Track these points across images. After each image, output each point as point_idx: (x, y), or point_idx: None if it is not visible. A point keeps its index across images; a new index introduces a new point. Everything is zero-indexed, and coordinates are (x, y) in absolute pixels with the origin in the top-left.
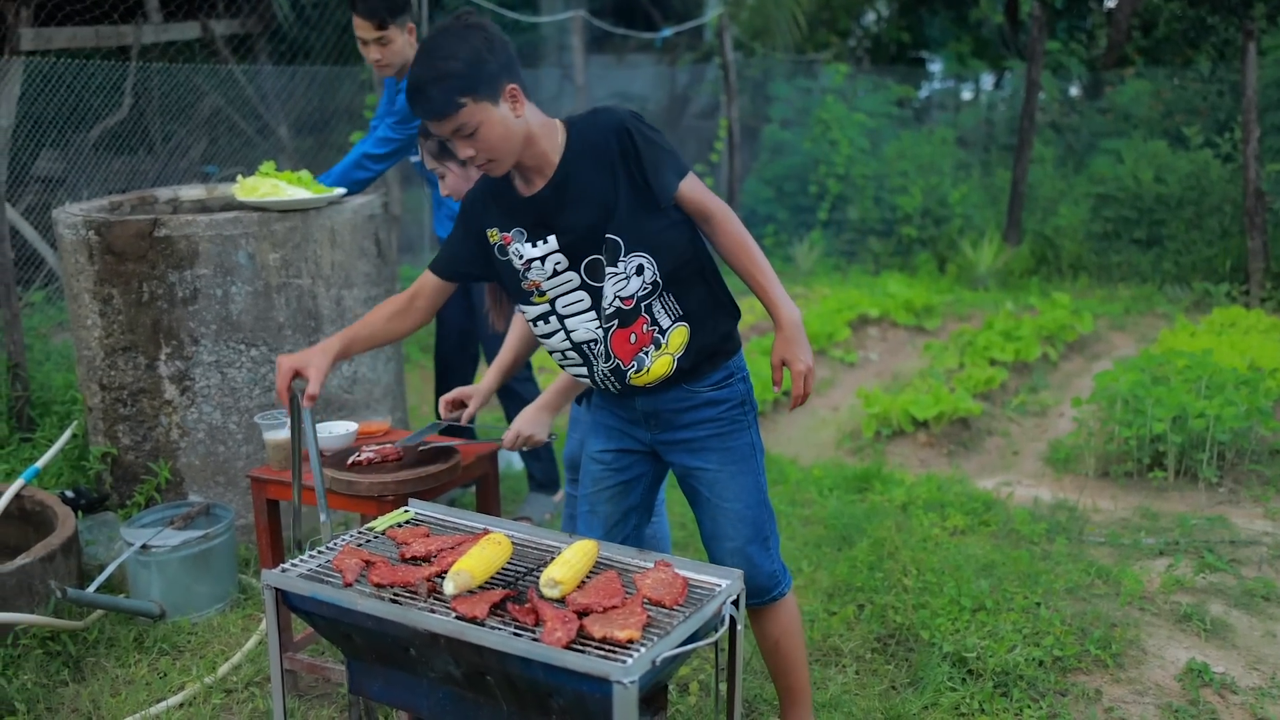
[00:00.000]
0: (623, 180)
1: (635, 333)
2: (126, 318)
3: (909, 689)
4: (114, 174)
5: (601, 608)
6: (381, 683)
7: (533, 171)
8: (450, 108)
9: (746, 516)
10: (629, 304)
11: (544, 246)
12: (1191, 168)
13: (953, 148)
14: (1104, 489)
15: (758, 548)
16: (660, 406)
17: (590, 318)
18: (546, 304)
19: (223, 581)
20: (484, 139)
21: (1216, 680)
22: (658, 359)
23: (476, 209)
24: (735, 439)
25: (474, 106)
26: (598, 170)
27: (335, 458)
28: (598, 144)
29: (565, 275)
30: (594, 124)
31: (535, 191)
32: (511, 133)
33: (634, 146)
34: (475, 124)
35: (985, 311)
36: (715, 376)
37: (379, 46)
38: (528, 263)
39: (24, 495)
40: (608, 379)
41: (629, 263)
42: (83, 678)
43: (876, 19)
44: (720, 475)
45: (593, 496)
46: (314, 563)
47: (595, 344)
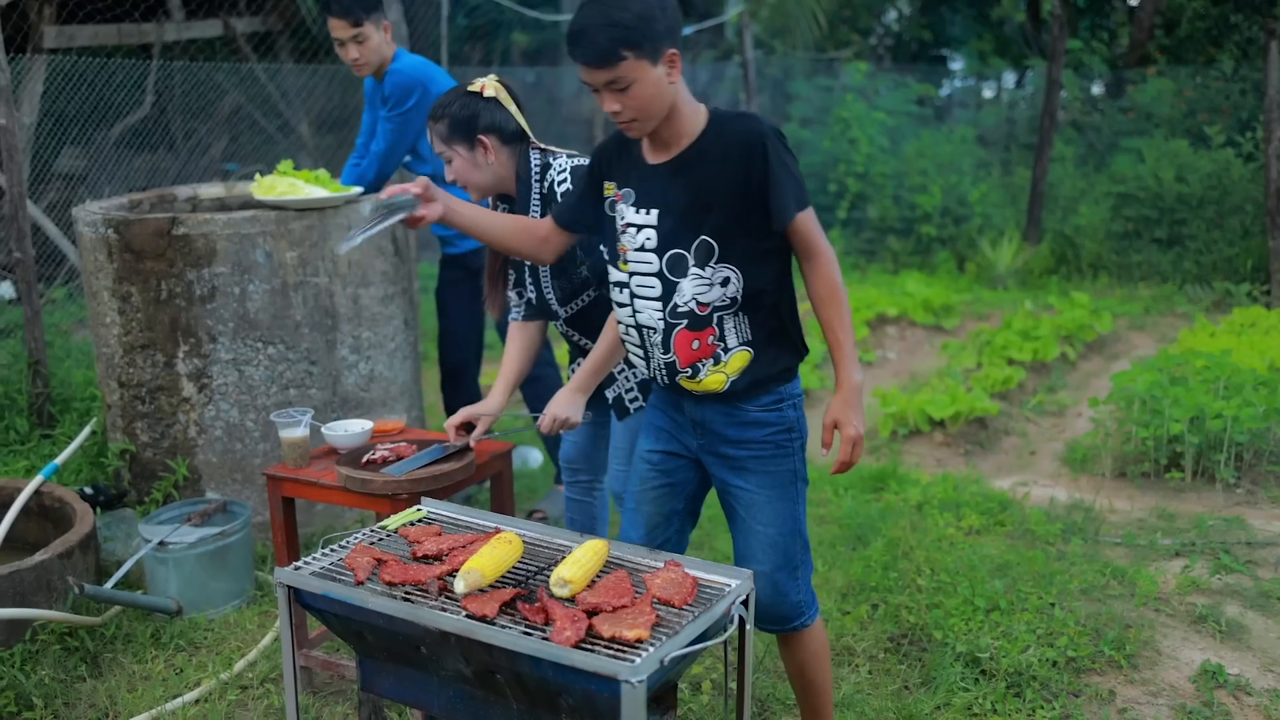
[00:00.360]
0: (739, 189)
1: (700, 340)
2: (145, 315)
3: (921, 689)
4: (135, 171)
5: (611, 607)
6: (393, 680)
7: (662, 143)
8: (612, 58)
9: (778, 544)
10: (703, 310)
11: (644, 216)
12: (1213, 167)
13: (973, 146)
14: (1121, 489)
15: (785, 575)
16: (706, 418)
17: (656, 307)
18: (626, 274)
19: (239, 578)
20: (635, 97)
21: (1231, 682)
22: (713, 374)
23: (606, 159)
24: (777, 464)
25: (634, 62)
26: (721, 169)
27: (350, 456)
28: (731, 145)
29: (648, 255)
30: (736, 124)
31: (657, 162)
32: (662, 96)
33: (765, 162)
34: (631, 80)
35: (1004, 311)
36: (765, 399)
37: (356, 45)
38: (625, 225)
39: (43, 492)
40: (660, 370)
41: (717, 271)
42: (100, 673)
43: (898, 17)
44: (758, 498)
45: (638, 495)
46: (327, 560)
47: (653, 333)
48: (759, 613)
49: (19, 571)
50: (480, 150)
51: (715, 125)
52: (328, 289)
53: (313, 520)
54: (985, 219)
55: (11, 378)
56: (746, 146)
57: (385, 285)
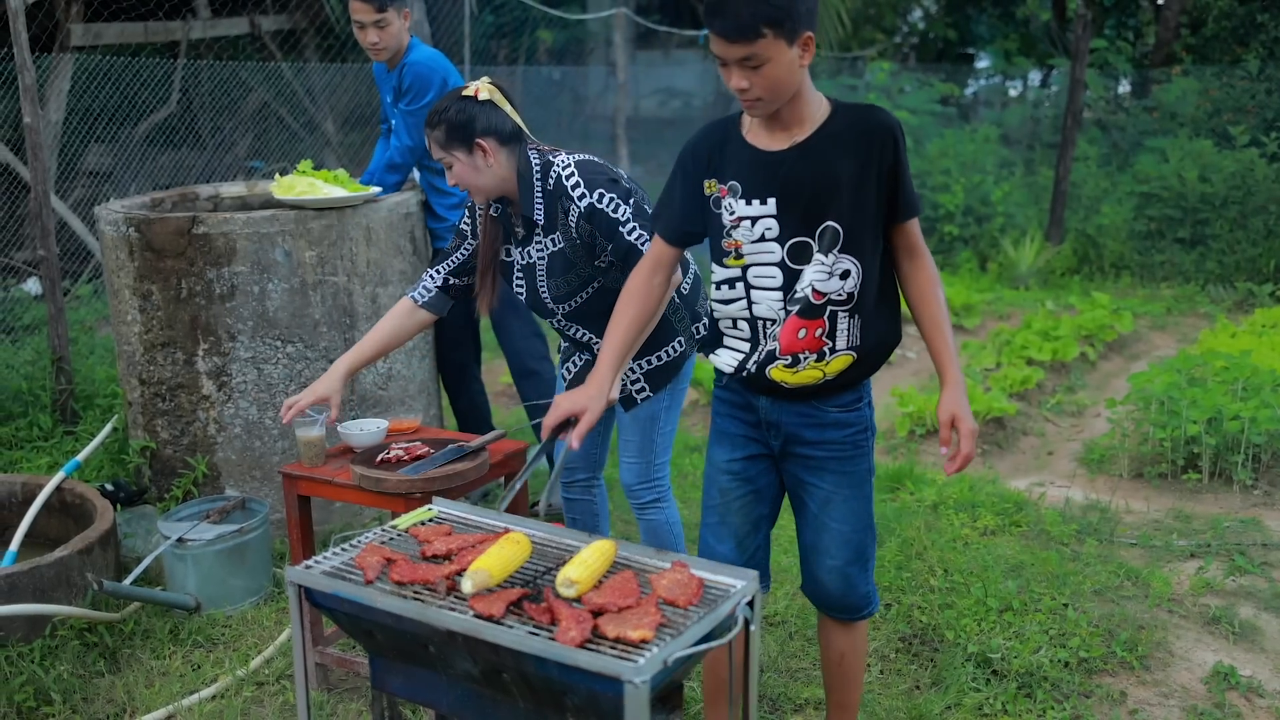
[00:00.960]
0: (872, 177)
1: (807, 329)
2: (165, 314)
3: (932, 689)
4: (161, 168)
5: (616, 607)
6: (403, 679)
7: (781, 126)
8: (752, 32)
9: (851, 539)
10: (818, 300)
11: (759, 207)
12: (1237, 167)
13: (996, 145)
14: (1137, 490)
15: (858, 569)
16: (783, 419)
17: (776, 297)
18: (739, 269)
19: (257, 575)
20: (767, 75)
21: (1243, 683)
22: (811, 369)
23: (698, 159)
24: (855, 464)
25: (772, 40)
26: (853, 153)
27: (365, 455)
28: (865, 131)
29: (769, 245)
30: (867, 112)
31: (777, 148)
32: (792, 78)
33: (897, 153)
34: (766, 58)
35: (1025, 310)
36: (846, 399)
37: (377, 30)
38: (737, 220)
39: (64, 488)
40: (755, 360)
41: (840, 261)
42: (118, 669)
43: (923, 15)
44: (834, 496)
45: (720, 508)
46: (338, 559)
47: (772, 324)
48: (828, 603)
49: (39, 568)
50: (479, 154)
51: (843, 111)
52: (346, 288)
53: (331, 518)
54: (1008, 218)
55: (36, 374)
56: (881, 133)
57: (403, 284)
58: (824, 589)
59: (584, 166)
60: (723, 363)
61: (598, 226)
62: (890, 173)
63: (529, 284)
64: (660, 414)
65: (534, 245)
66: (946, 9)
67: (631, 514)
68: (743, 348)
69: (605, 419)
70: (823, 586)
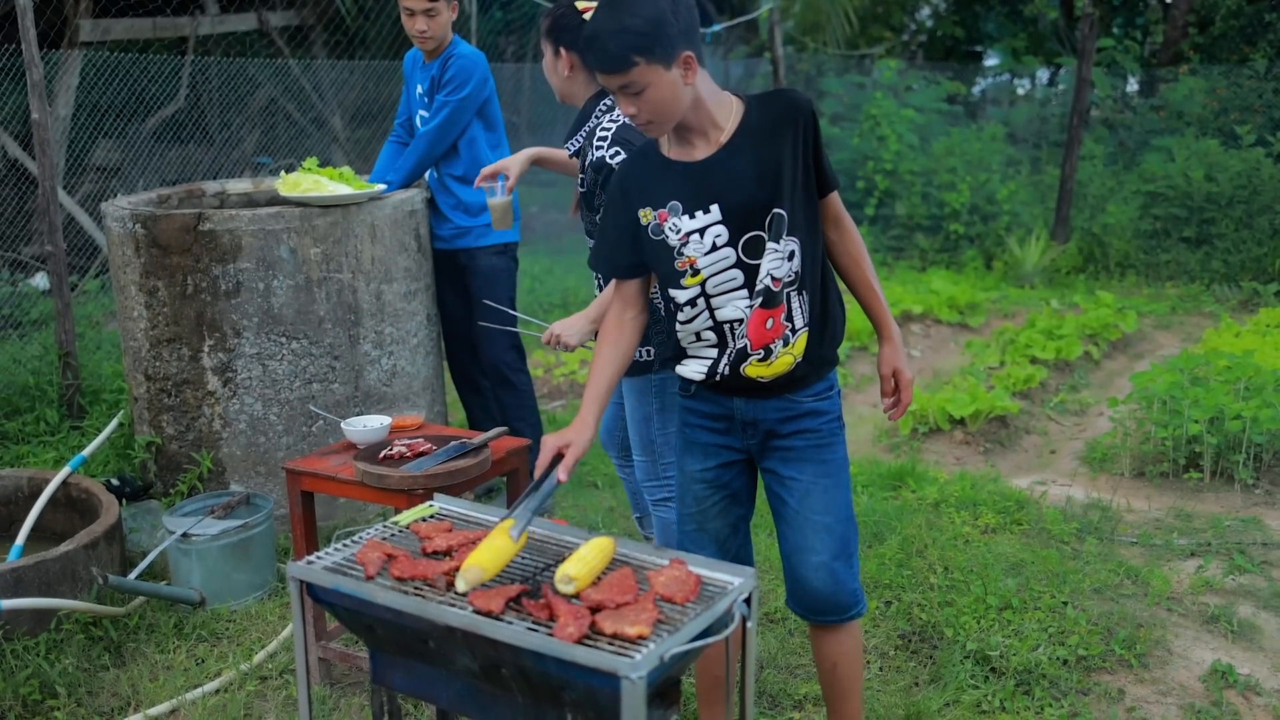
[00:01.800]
0: (800, 157)
1: (773, 318)
2: (171, 310)
3: (931, 686)
4: (169, 164)
5: (614, 604)
6: (403, 673)
7: (696, 135)
8: (623, 64)
9: (835, 531)
10: (776, 286)
11: (704, 218)
12: (1243, 166)
13: (1002, 144)
14: (1139, 489)
15: (843, 564)
16: (760, 415)
17: (741, 295)
18: (697, 286)
19: (261, 570)
20: (649, 100)
21: (1241, 682)
22: (783, 355)
23: (626, 193)
24: (831, 452)
25: (646, 67)
26: (777, 140)
27: (368, 451)
28: (782, 116)
29: (723, 252)
30: (779, 98)
31: (702, 157)
32: (678, 99)
33: (814, 129)
34: (644, 84)
35: (1030, 309)
36: (819, 387)
37: (426, 18)
38: (685, 236)
39: (70, 483)
40: (726, 361)
41: (787, 244)
42: (123, 663)
43: (932, 13)
44: (814, 488)
45: (698, 516)
46: (339, 555)
47: (739, 324)
48: (816, 606)
49: (45, 562)
50: (560, 61)
51: (757, 104)
52: (351, 285)
53: (335, 513)
54: (1013, 217)
55: (43, 369)
56: (795, 113)
57: (408, 281)
58: (811, 590)
59: (624, 130)
60: (691, 372)
61: (603, 180)
62: (814, 147)
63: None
64: (653, 415)
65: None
66: (955, 7)
67: (630, 512)
68: (710, 354)
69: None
70: (810, 587)
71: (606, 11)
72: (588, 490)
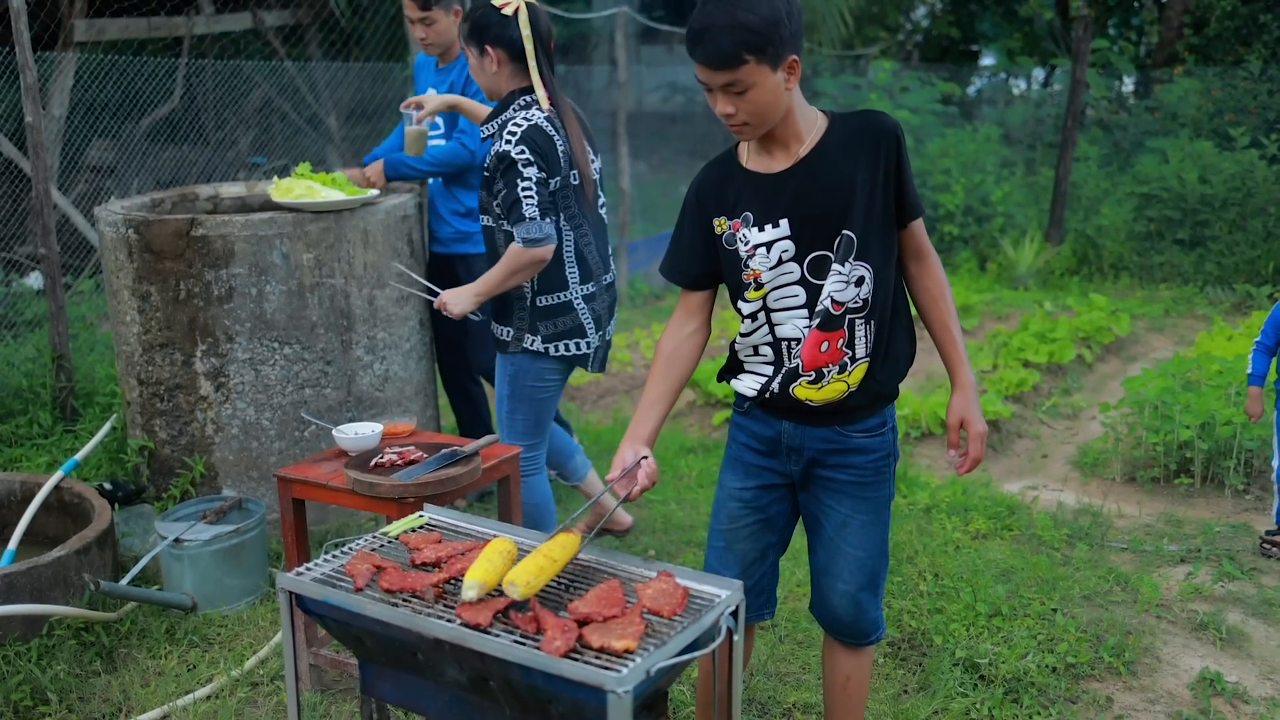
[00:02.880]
0: (879, 181)
1: (829, 342)
2: (164, 315)
3: (920, 694)
4: (163, 164)
5: (602, 617)
6: (392, 684)
7: (778, 146)
8: (734, 61)
9: (866, 565)
10: (837, 310)
11: (773, 231)
12: (1237, 168)
13: (997, 145)
14: (1130, 494)
15: (869, 594)
16: (807, 443)
17: (801, 314)
18: (759, 300)
19: (253, 575)
20: (752, 101)
21: (1229, 689)
22: (835, 381)
23: (703, 200)
24: (876, 490)
25: (755, 67)
26: (857, 160)
27: (359, 459)
28: (866, 136)
29: (787, 266)
30: (865, 117)
31: (779, 169)
32: (778, 103)
33: (899, 155)
34: (750, 84)
35: (1023, 311)
36: (871, 422)
37: (423, 26)
38: (753, 249)
39: (63, 487)
40: (778, 380)
41: (854, 269)
42: (114, 668)
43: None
44: (851, 520)
45: (728, 534)
46: (329, 566)
47: (797, 344)
48: (837, 627)
49: (37, 567)
50: (487, 59)
51: (840, 121)
52: (344, 290)
53: (327, 517)
54: (1008, 218)
55: (36, 371)
56: (881, 136)
57: (401, 287)
58: (833, 613)
59: (533, 129)
60: (745, 386)
61: (503, 170)
62: (895, 175)
63: None
64: (505, 399)
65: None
66: (950, 7)
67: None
68: (766, 370)
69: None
70: (832, 610)
71: (720, 5)
72: (581, 495)
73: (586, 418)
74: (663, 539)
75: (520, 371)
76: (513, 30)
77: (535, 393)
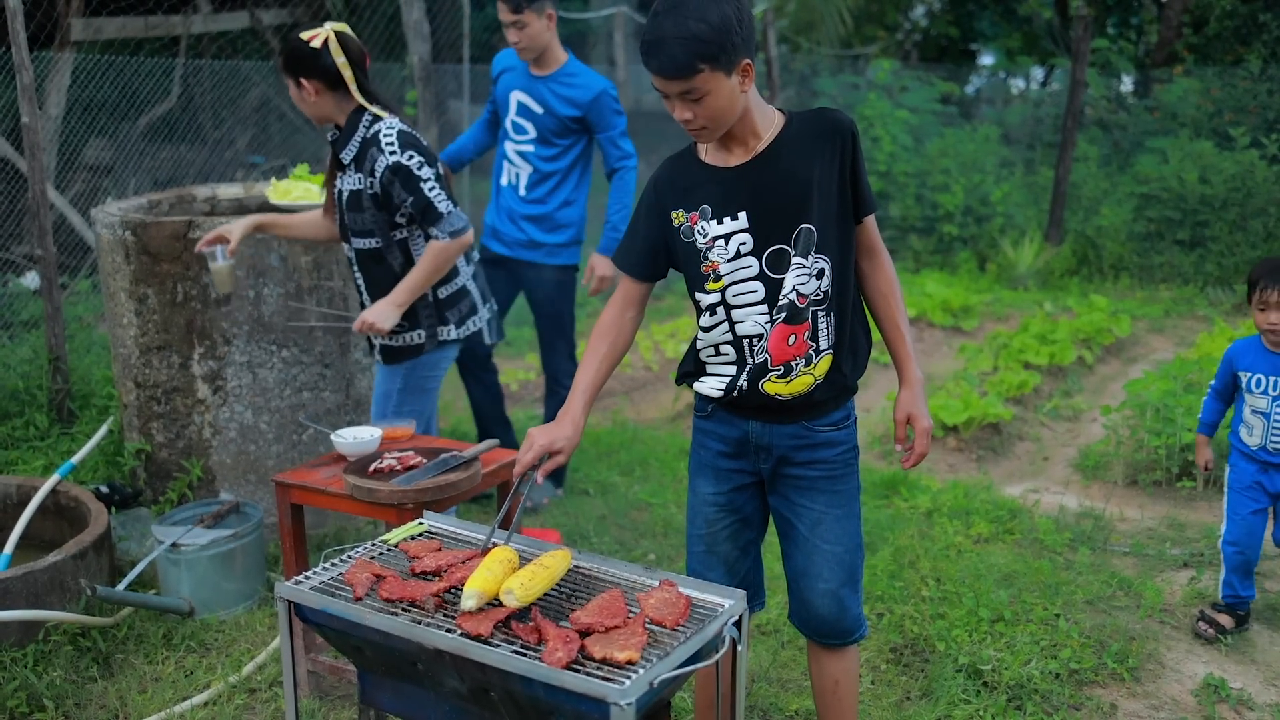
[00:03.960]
0: (834, 174)
1: (795, 335)
2: (161, 317)
3: (922, 700)
4: (160, 163)
5: (604, 628)
6: (391, 694)
7: (736, 142)
8: (689, 70)
9: (844, 560)
10: (802, 303)
11: (731, 224)
12: (1237, 168)
13: (996, 145)
14: (1132, 497)
15: (850, 590)
16: (775, 441)
17: (761, 310)
18: (718, 292)
19: (250, 579)
20: (709, 106)
21: (1233, 696)
22: (802, 374)
23: (660, 193)
24: (845, 482)
25: (710, 74)
26: (813, 154)
27: (357, 464)
28: (822, 131)
29: (745, 260)
30: (821, 114)
31: (736, 163)
32: (734, 106)
33: (854, 150)
34: (706, 91)
35: (1024, 312)
36: (836, 416)
37: (516, 30)
38: (711, 241)
39: (59, 490)
40: (745, 377)
41: (815, 261)
42: (111, 674)
43: (926, 12)
44: (825, 517)
45: (708, 537)
46: (327, 575)
47: (758, 340)
48: (821, 629)
49: (33, 572)
50: (305, 90)
51: (798, 119)
52: (341, 292)
53: (325, 522)
54: (1007, 219)
55: (33, 373)
56: (838, 130)
57: None
58: (816, 614)
59: (404, 134)
60: (709, 388)
61: (401, 180)
62: (850, 170)
63: (339, 211)
64: (394, 393)
65: (346, 179)
66: (949, 6)
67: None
68: (729, 370)
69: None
70: (815, 611)
71: (672, 16)
72: (579, 498)
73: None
74: (663, 543)
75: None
76: (325, 60)
77: (427, 382)
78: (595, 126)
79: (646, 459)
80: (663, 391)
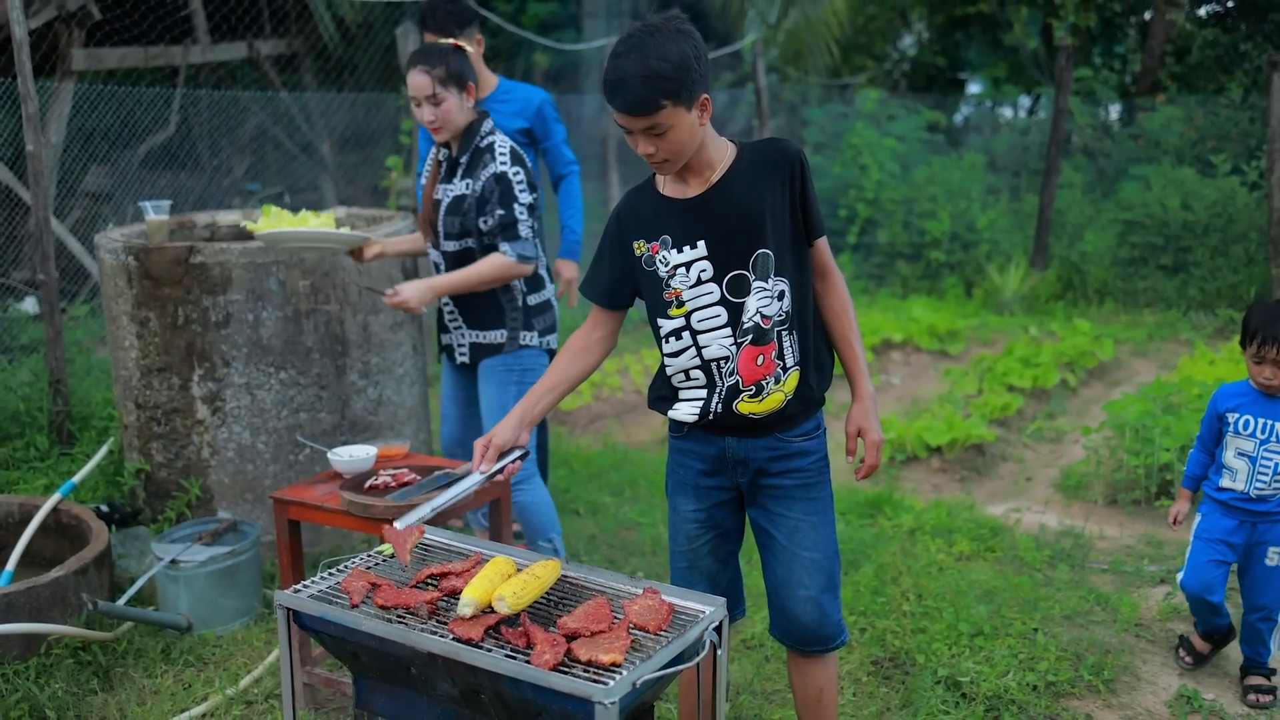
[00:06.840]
0: (785, 201)
1: (764, 355)
2: (162, 340)
3: (902, 711)
4: (159, 191)
5: (589, 632)
6: (386, 698)
7: (692, 174)
8: (652, 107)
9: (823, 566)
10: (767, 324)
11: (691, 252)
12: (1218, 195)
13: (982, 172)
14: (1111, 516)
15: (829, 597)
16: (750, 454)
17: (725, 334)
18: (682, 318)
19: (248, 596)
20: (670, 140)
21: (1206, 707)
22: (774, 392)
23: (623, 224)
24: (819, 490)
25: (672, 110)
26: (765, 183)
27: (353, 481)
28: (771, 161)
29: (707, 287)
30: (770, 144)
31: (693, 194)
32: (694, 138)
33: (804, 176)
34: (668, 126)
35: (1009, 337)
36: (807, 426)
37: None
38: (673, 269)
39: (61, 509)
40: (719, 398)
41: (776, 283)
42: (111, 687)
43: (914, 42)
44: (802, 524)
45: (689, 553)
46: (325, 584)
47: (726, 362)
48: (803, 637)
49: (35, 587)
50: (464, 97)
51: (749, 150)
52: (338, 316)
53: (321, 539)
54: (993, 245)
55: (33, 395)
56: (786, 159)
57: (394, 313)
58: (798, 622)
59: (515, 152)
60: (684, 414)
61: (501, 190)
62: (802, 193)
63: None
64: (509, 403)
65: (452, 186)
66: (936, 35)
67: (614, 541)
68: (700, 394)
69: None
70: (796, 619)
71: (633, 56)
72: (569, 517)
73: (577, 442)
74: (652, 561)
75: (532, 369)
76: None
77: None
78: (540, 136)
79: (636, 480)
80: (651, 415)
